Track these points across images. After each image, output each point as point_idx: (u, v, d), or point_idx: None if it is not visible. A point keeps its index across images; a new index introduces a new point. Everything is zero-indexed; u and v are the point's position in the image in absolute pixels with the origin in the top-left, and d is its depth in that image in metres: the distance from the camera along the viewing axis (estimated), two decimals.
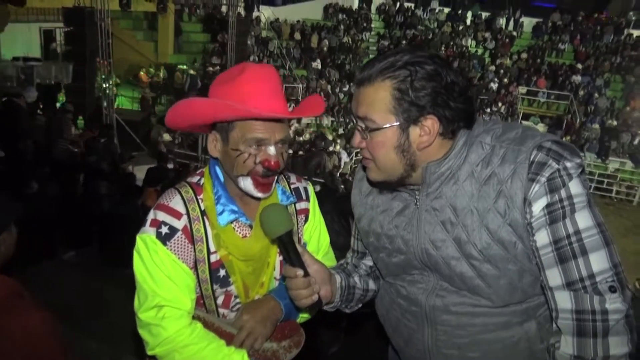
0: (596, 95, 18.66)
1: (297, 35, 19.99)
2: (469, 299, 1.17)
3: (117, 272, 3.64)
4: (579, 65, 19.87)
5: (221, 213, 1.30)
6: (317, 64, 18.74)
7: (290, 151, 11.37)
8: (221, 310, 1.37)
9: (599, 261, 1.01)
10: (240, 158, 1.23)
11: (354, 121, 1.21)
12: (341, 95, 17.71)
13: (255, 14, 19.65)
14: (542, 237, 1.05)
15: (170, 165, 9.27)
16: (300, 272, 1.18)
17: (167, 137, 11.85)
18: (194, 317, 1.30)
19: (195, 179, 1.37)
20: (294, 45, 19.64)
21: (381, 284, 1.45)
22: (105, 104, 11.04)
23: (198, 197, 1.31)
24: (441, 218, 1.15)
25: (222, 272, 1.33)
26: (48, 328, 1.48)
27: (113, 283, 3.57)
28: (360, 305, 1.46)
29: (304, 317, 1.46)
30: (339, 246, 2.61)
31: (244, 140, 1.22)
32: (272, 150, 1.23)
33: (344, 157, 13.85)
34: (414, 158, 1.13)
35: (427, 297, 1.23)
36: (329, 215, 2.68)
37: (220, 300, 1.36)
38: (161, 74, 15.22)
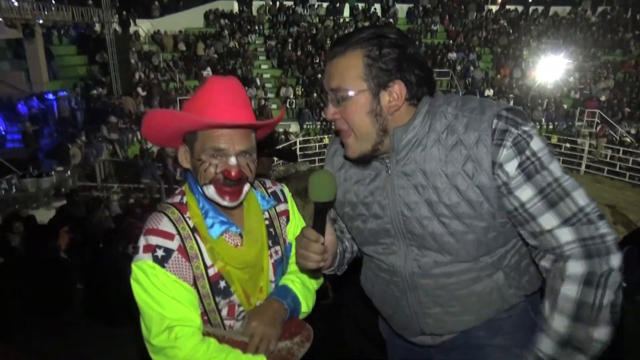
0: (471, 68, 20.36)
1: (182, 46, 19.41)
2: (441, 257, 1.28)
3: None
4: (451, 42, 21.56)
5: (212, 226, 1.32)
6: (207, 72, 18.35)
7: None
8: (227, 322, 1.37)
9: (581, 197, 1.15)
10: (202, 167, 1.28)
11: (326, 96, 1.30)
12: None
13: (132, 28, 18.74)
14: (526, 192, 1.17)
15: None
16: (322, 239, 1.28)
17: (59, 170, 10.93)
18: (203, 334, 1.29)
19: (177, 199, 1.37)
20: (179, 57, 19.05)
21: (364, 261, 1.56)
22: None
23: (185, 216, 1.33)
24: (413, 182, 1.26)
25: (222, 284, 1.34)
26: None
27: None
28: (346, 267, 1.57)
29: (304, 313, 1.49)
30: None
31: (204, 150, 1.27)
32: (232, 160, 1.27)
33: None
34: (386, 123, 1.24)
35: (404, 265, 1.34)
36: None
37: (224, 312, 1.36)
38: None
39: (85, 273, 4.06)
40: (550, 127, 18.14)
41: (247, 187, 1.33)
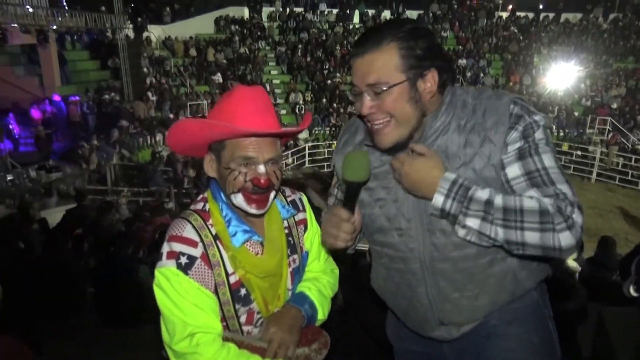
0: (482, 75, 20.31)
1: (193, 52, 19.56)
2: (458, 240, 1.31)
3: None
4: (461, 49, 21.52)
5: (234, 234, 1.33)
6: (218, 78, 18.48)
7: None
8: (245, 328, 1.39)
9: (566, 188, 1.24)
10: (231, 176, 1.28)
11: (356, 93, 1.33)
12: None
13: (144, 34, 18.93)
14: (514, 170, 1.27)
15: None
16: (353, 218, 1.33)
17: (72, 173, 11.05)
18: (222, 340, 1.31)
19: (199, 206, 1.39)
20: (190, 62, 19.20)
21: (373, 258, 1.58)
22: None
23: (207, 223, 1.34)
24: None
25: (242, 292, 1.35)
26: None
27: None
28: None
29: (320, 320, 1.51)
30: (337, 256, 2.64)
31: (233, 158, 1.28)
32: (261, 168, 1.28)
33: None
34: (425, 108, 1.31)
35: (423, 249, 1.37)
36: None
37: (243, 319, 1.37)
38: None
39: (95, 276, 4.09)
40: (561, 134, 17.99)
41: (273, 194, 1.35)
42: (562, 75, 18.84)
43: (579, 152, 15.69)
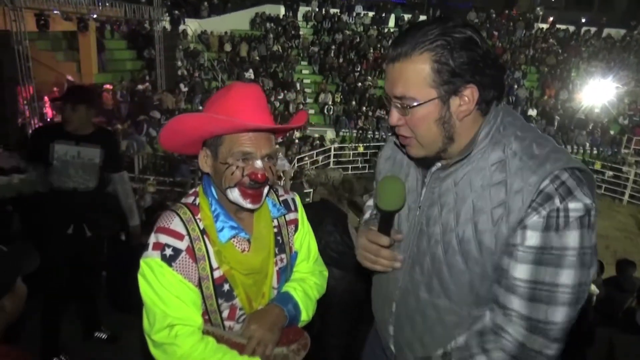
0: (515, 86, 19.90)
1: (227, 47, 19.81)
2: (433, 286, 1.22)
3: None
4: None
5: (221, 230, 1.34)
6: (249, 74, 18.67)
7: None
8: (227, 323, 1.40)
9: (560, 316, 1.06)
10: (228, 171, 1.29)
11: (387, 100, 1.19)
12: (277, 103, 17.74)
13: (181, 27, 19.29)
14: (522, 270, 1.08)
15: None
16: (390, 242, 1.27)
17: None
18: (203, 333, 1.33)
19: (190, 200, 1.40)
20: (224, 57, 19.45)
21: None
22: (30, 131, 10.39)
23: (196, 217, 1.35)
24: (442, 200, 1.19)
25: (226, 287, 1.36)
26: None
27: None
28: None
29: (304, 321, 1.51)
30: (344, 265, 2.61)
31: (231, 153, 1.29)
32: (258, 163, 1.29)
33: (286, 165, 13.88)
34: (453, 130, 1.13)
35: (402, 276, 1.31)
36: (332, 236, 2.66)
37: (225, 314, 1.39)
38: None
39: (109, 260, 4.18)
40: (595, 152, 17.48)
41: (266, 189, 1.36)
42: (599, 92, 18.28)
43: (611, 173, 15.18)
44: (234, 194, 1.31)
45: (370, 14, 23.34)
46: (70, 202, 3.06)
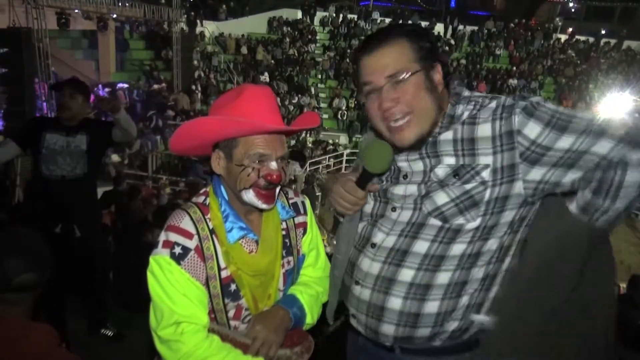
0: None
1: (244, 49, 19.95)
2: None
3: None
4: (514, 69, 20.98)
5: (230, 230, 1.36)
6: (265, 77, 18.76)
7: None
8: (232, 323, 1.41)
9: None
10: (244, 172, 1.30)
11: (369, 92, 1.32)
12: (291, 107, 17.79)
13: (199, 29, 19.47)
14: (564, 142, 1.15)
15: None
16: (364, 196, 1.39)
17: (115, 157, 11.44)
18: (208, 331, 1.34)
19: (200, 199, 1.42)
20: (240, 60, 19.58)
21: None
22: None
23: (206, 217, 1.37)
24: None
25: (233, 287, 1.37)
26: None
27: None
28: None
29: (308, 324, 1.52)
30: None
31: (247, 155, 1.30)
32: (274, 165, 1.31)
33: (297, 169, 13.88)
34: (440, 99, 1.30)
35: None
36: None
37: (231, 314, 1.40)
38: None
39: (116, 260, 4.20)
40: None
41: (278, 190, 1.38)
42: (617, 104, 18.02)
43: None
44: (249, 195, 1.32)
45: (388, 20, 23.33)
46: (59, 191, 3.07)
